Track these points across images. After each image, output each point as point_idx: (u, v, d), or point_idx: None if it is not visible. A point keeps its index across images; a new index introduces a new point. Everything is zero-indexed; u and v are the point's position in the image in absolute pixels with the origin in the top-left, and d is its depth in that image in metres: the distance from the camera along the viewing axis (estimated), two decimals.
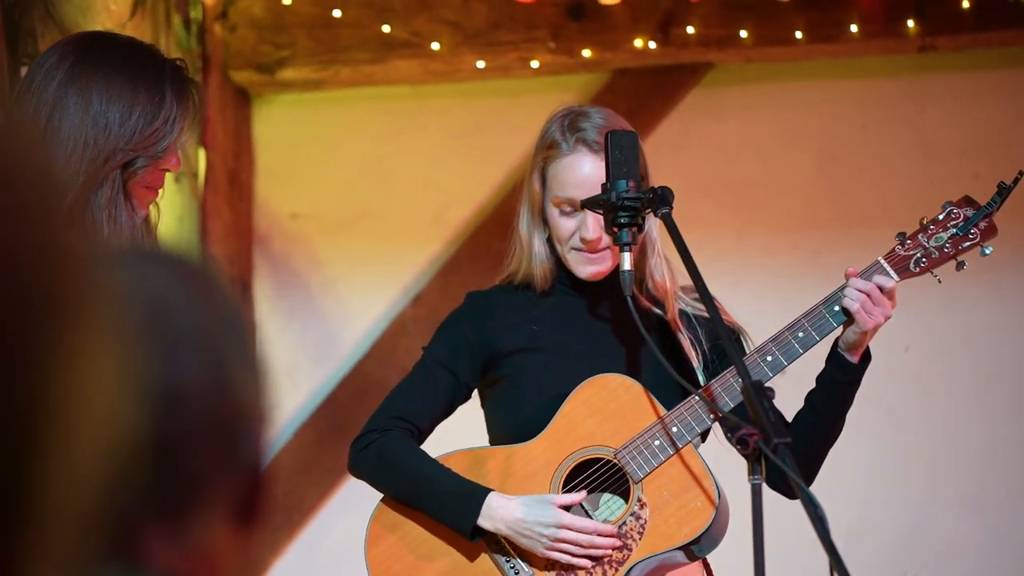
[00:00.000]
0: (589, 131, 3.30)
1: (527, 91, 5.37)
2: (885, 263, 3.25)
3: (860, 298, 3.19)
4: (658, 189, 3.13)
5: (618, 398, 3.27)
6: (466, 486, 3.26)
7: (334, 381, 5.48)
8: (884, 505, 5.17)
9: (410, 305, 5.47)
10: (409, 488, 3.30)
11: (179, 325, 1.12)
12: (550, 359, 3.34)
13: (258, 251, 5.56)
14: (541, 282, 3.37)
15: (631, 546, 3.23)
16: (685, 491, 3.22)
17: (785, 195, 5.31)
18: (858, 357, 3.26)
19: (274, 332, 5.47)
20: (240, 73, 5.40)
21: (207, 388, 1.11)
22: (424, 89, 5.45)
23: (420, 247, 5.48)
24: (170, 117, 2.81)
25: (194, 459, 1.09)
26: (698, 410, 3.21)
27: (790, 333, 3.24)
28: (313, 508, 5.43)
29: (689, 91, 5.36)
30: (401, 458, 3.31)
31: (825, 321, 3.24)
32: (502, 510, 3.22)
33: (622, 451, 3.25)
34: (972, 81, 5.21)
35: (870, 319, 3.19)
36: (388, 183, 5.52)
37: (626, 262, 3.14)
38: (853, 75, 5.27)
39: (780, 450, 2.67)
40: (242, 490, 1.12)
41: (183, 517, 1.08)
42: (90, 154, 2.74)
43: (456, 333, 3.40)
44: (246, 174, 5.54)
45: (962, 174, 5.14)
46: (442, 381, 3.37)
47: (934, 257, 3.27)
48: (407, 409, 3.36)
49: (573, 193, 3.28)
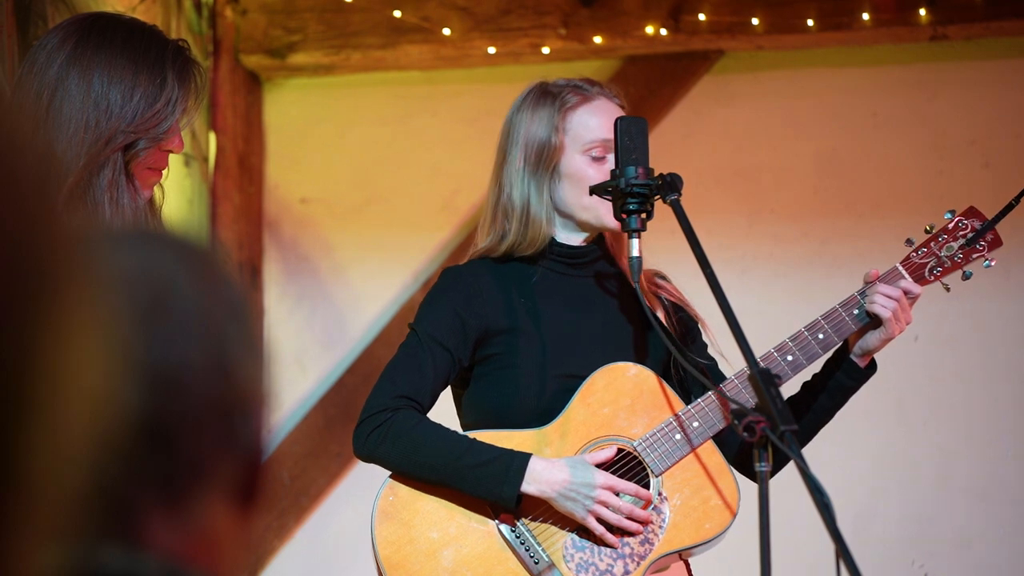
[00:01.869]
0: (602, 85, 3.37)
1: (538, 77, 5.36)
2: (903, 269, 3.28)
3: (890, 304, 3.21)
4: (667, 176, 3.12)
5: (635, 388, 3.25)
6: (506, 453, 3.15)
7: (343, 366, 5.48)
8: (892, 494, 5.16)
9: (419, 290, 5.46)
10: (440, 464, 3.16)
11: (181, 307, 1.12)
12: (543, 339, 3.28)
13: (268, 235, 5.56)
14: (534, 245, 3.31)
15: (652, 540, 3.20)
16: (704, 488, 3.20)
17: (795, 183, 5.30)
18: (867, 363, 3.29)
19: (283, 316, 5.48)
20: (251, 57, 5.40)
21: (208, 371, 1.11)
22: (435, 74, 5.45)
23: (430, 232, 5.48)
24: (172, 98, 2.79)
25: (194, 441, 1.09)
26: (717, 407, 3.20)
27: (809, 334, 3.24)
28: (321, 493, 5.44)
29: (700, 78, 5.35)
30: (424, 435, 3.18)
31: (845, 324, 3.25)
32: (547, 472, 3.14)
33: (642, 443, 3.22)
34: (983, 70, 5.20)
35: (898, 326, 3.22)
36: (398, 168, 5.52)
37: (634, 248, 3.13)
38: (864, 63, 5.26)
39: (787, 437, 2.67)
40: (242, 473, 1.12)
41: (183, 498, 1.09)
42: (91, 136, 2.74)
43: (447, 309, 3.30)
44: (256, 158, 5.54)
45: (972, 163, 5.13)
46: (438, 358, 3.26)
47: (947, 266, 3.31)
48: (410, 387, 3.24)
49: (609, 134, 3.24)
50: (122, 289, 1.09)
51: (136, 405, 1.05)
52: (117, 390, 0.82)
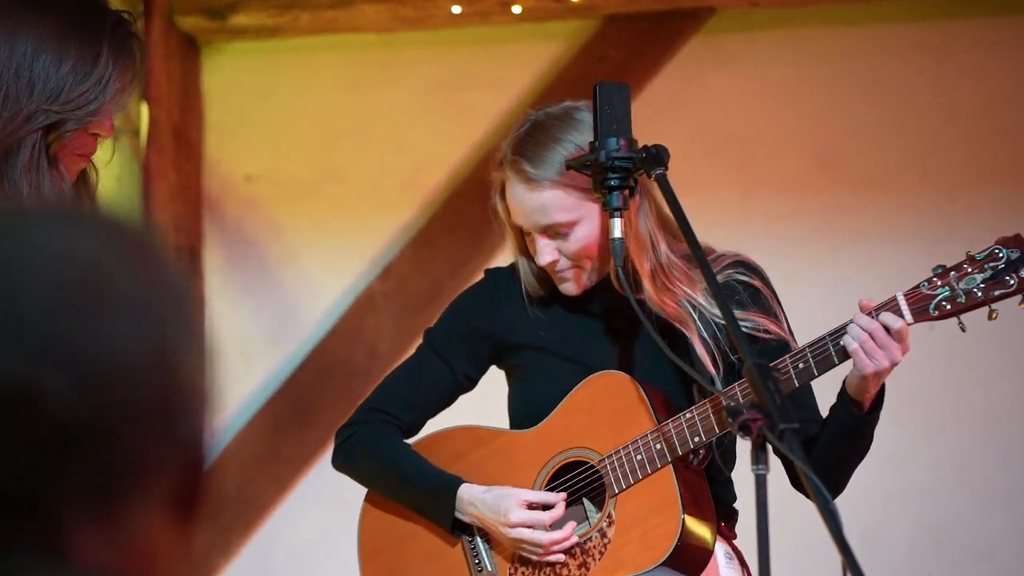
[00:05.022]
0: (507, 150, 3.33)
1: (508, 39, 5.37)
2: (903, 300, 3.13)
3: (861, 337, 3.08)
4: (652, 147, 3.12)
5: (615, 399, 3.29)
6: (439, 481, 3.38)
7: (294, 362, 5.48)
8: (906, 501, 5.18)
9: (378, 278, 5.46)
10: (392, 485, 3.45)
11: (115, 295, 1.11)
12: (557, 357, 3.37)
13: (208, 217, 5.55)
14: (535, 292, 3.40)
15: (590, 565, 3.27)
16: (652, 515, 3.23)
17: (793, 155, 5.31)
18: (866, 404, 3.18)
19: (226, 308, 5.47)
20: (187, 19, 5.38)
21: (144, 365, 1.11)
22: (393, 37, 5.44)
23: (389, 214, 5.48)
24: (104, 77, 2.70)
25: (128, 442, 1.09)
26: (685, 429, 3.19)
27: (790, 361, 3.15)
28: (270, 504, 5.43)
29: (688, 39, 5.35)
30: (376, 454, 3.43)
31: (827, 356, 3.14)
32: (470, 507, 3.34)
33: (606, 459, 3.27)
34: (1000, 27, 5.20)
35: (870, 363, 3.08)
36: (354, 143, 5.51)
37: (616, 229, 3.12)
38: (868, 21, 5.27)
39: (787, 436, 2.65)
40: (181, 479, 1.12)
41: (114, 506, 1.08)
42: (8, 111, 2.65)
43: (459, 318, 3.47)
44: (194, 131, 5.52)
45: (989, 131, 5.14)
46: (434, 371, 3.46)
47: (959, 301, 3.14)
48: (390, 400, 3.47)
49: (518, 220, 3.32)
50: (44, 273, 1.09)
51: (62, 401, 1.05)
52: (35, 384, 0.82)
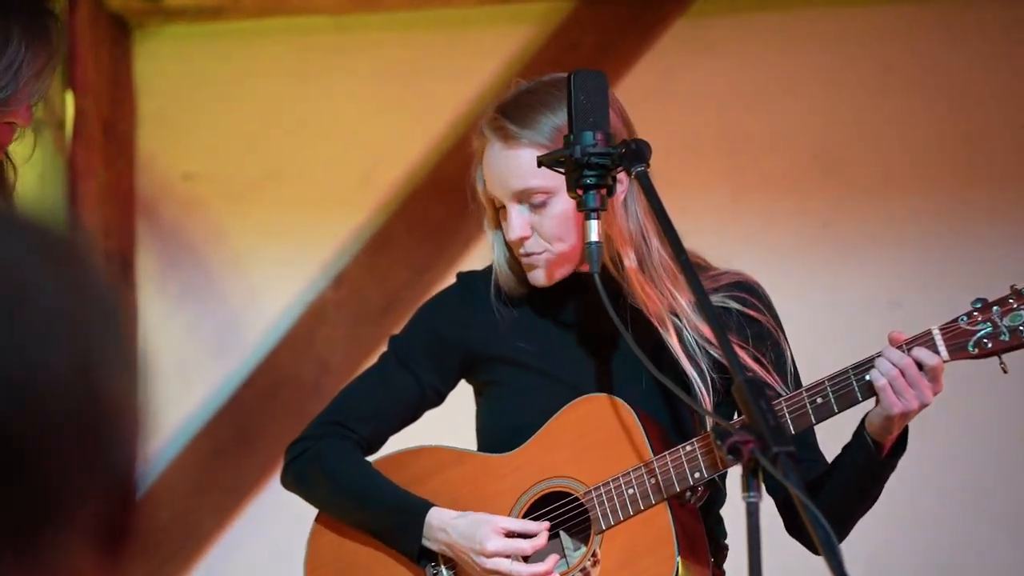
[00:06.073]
0: (490, 110, 3.34)
1: (473, 23, 5.37)
2: (939, 335, 3.12)
3: (891, 373, 3.08)
4: (632, 143, 3.12)
5: (605, 426, 3.28)
6: (405, 503, 3.37)
7: (237, 379, 5.48)
8: (913, 526, 5.20)
9: (330, 286, 5.47)
10: (345, 506, 3.43)
11: (35, 306, 1.12)
12: (536, 372, 3.37)
13: (142, 220, 5.54)
14: (509, 290, 3.40)
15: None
16: (642, 556, 3.24)
17: (789, 151, 5.33)
18: (887, 446, 3.18)
19: (161, 318, 5.46)
20: None
21: (67, 382, 1.11)
22: (346, 20, 5.45)
23: (343, 216, 5.48)
24: (15, 62, 2.70)
25: (48, 468, 1.09)
26: (684, 464, 3.19)
27: (807, 395, 3.14)
28: (211, 535, 5.42)
29: (672, 24, 5.37)
30: (333, 472, 3.42)
31: (850, 392, 3.13)
32: (441, 533, 3.31)
33: (593, 492, 3.27)
34: (1018, 8, 5.23)
35: (898, 402, 3.08)
36: (303, 137, 5.51)
37: (593, 232, 3.12)
38: (872, 3, 5.29)
39: (781, 460, 2.65)
40: (110, 508, 1.12)
41: (35, 538, 1.08)
42: None
43: (428, 327, 3.47)
44: (126, 125, 5.52)
45: (1007, 123, 5.16)
46: (398, 382, 3.45)
47: (1002, 339, 3.10)
48: (348, 413, 3.46)
49: (492, 188, 3.33)
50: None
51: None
52: None
